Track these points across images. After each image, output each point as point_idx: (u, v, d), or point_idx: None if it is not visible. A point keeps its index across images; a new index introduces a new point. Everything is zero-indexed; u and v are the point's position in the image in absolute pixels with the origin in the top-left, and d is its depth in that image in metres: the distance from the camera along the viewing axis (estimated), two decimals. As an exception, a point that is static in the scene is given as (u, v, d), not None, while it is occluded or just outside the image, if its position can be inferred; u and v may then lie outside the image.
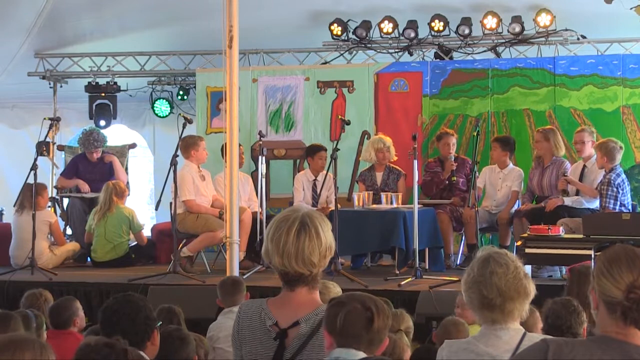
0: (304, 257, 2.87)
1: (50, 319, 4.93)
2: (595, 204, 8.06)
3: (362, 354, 2.65)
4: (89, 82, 11.57)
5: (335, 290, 4.53)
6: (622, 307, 2.23)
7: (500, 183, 8.91)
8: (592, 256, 6.02)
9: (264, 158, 8.47)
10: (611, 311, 2.26)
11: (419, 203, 8.42)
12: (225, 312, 5.25)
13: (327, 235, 2.92)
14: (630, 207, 7.96)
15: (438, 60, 10.42)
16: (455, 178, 8.87)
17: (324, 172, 9.15)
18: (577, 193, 8.26)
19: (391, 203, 8.39)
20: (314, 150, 9.24)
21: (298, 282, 2.92)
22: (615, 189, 7.73)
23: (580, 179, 8.29)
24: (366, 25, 10.32)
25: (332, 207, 8.66)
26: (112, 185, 9.21)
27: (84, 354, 2.79)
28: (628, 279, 2.23)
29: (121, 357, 2.76)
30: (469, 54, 10.33)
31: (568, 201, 8.16)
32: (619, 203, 7.77)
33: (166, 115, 12.03)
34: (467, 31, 10.05)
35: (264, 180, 8.48)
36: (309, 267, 2.89)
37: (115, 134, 12.48)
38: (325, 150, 9.19)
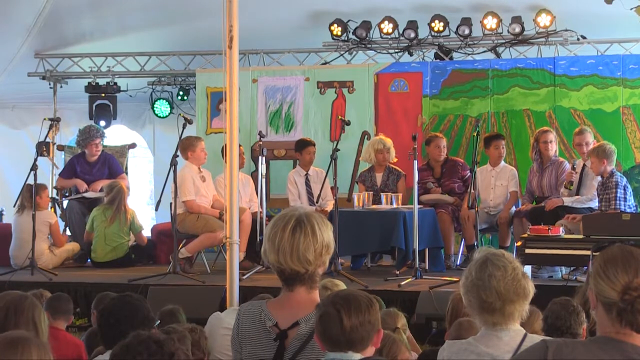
0: (299, 254, 2.86)
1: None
2: (595, 204, 8.05)
3: (359, 355, 2.64)
4: (89, 83, 11.57)
5: (341, 287, 4.54)
6: (618, 308, 2.23)
7: (493, 182, 8.89)
8: (591, 256, 6.01)
9: (264, 158, 8.47)
10: (608, 312, 2.26)
11: (421, 202, 8.42)
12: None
13: (324, 233, 2.91)
14: (634, 210, 7.93)
15: (438, 60, 10.41)
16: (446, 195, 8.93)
17: (316, 168, 9.17)
18: (578, 192, 8.26)
19: (391, 203, 8.39)
20: (301, 146, 9.28)
21: (295, 280, 2.91)
22: (622, 191, 7.69)
23: (580, 178, 8.28)
24: (366, 25, 10.31)
25: (328, 208, 8.67)
26: (123, 189, 9.21)
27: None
28: (623, 280, 2.23)
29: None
30: (469, 54, 10.32)
31: (568, 201, 8.15)
32: (626, 206, 7.73)
33: (166, 116, 12.03)
34: (467, 31, 10.04)
35: (264, 180, 8.48)
36: (304, 264, 2.87)
37: (115, 134, 12.48)
38: (314, 145, 9.25)
